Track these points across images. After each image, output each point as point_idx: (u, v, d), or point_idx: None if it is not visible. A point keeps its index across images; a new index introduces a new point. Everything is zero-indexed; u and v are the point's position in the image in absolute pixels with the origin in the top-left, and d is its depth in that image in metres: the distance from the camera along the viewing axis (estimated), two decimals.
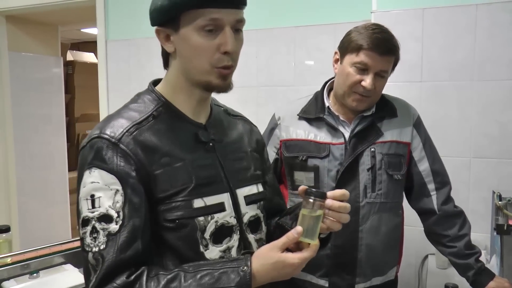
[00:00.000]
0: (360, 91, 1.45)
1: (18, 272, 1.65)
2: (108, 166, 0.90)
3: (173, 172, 0.95)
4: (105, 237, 0.87)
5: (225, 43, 0.93)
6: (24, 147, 3.83)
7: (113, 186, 0.90)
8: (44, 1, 3.27)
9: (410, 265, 2.17)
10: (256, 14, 2.62)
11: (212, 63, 0.95)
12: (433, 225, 1.55)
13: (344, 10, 2.39)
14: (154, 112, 0.99)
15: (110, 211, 0.89)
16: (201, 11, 0.91)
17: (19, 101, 3.78)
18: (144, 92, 1.05)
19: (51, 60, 4.21)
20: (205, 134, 1.03)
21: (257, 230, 1.09)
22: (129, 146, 0.92)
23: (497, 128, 2.05)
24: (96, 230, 0.88)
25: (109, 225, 0.88)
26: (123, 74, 3.06)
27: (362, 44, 1.42)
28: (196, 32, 0.93)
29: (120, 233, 0.87)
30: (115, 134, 0.92)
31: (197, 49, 0.94)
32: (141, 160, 0.92)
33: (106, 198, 0.89)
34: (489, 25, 2.03)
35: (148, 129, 0.96)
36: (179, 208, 0.94)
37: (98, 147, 0.91)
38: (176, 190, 0.94)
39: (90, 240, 0.88)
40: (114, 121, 0.96)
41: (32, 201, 3.89)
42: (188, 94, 1.02)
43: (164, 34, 0.98)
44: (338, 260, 1.51)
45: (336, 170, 1.49)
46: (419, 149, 1.55)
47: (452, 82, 2.10)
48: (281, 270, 0.88)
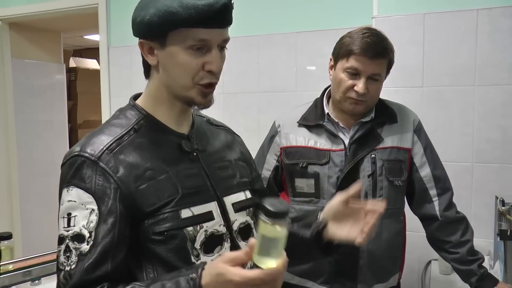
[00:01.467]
0: (353, 96, 1.45)
1: (20, 279, 1.64)
2: (86, 185, 0.90)
3: (158, 185, 0.94)
4: (76, 257, 0.87)
5: (211, 63, 0.94)
6: (26, 154, 3.84)
7: (89, 206, 0.89)
8: (47, 8, 3.30)
9: (413, 271, 2.16)
10: (257, 20, 2.63)
11: (195, 80, 0.95)
12: (436, 231, 1.54)
13: (345, 15, 2.40)
14: (135, 125, 0.99)
15: (83, 231, 0.88)
16: (191, 30, 0.91)
17: (22, 108, 3.80)
18: (125, 107, 1.05)
19: (54, 66, 4.24)
20: (188, 144, 1.02)
21: (249, 237, 1.07)
22: (109, 164, 0.92)
23: (499, 133, 2.04)
24: (69, 249, 0.88)
25: (81, 245, 0.88)
26: (125, 81, 3.07)
27: (352, 49, 1.42)
28: (183, 50, 0.93)
29: (90, 253, 0.87)
30: (95, 152, 0.92)
31: (182, 66, 0.94)
32: (121, 178, 0.91)
33: (81, 217, 0.89)
34: (490, 30, 2.03)
35: (129, 144, 0.96)
36: (167, 220, 0.93)
37: (78, 165, 0.92)
38: (163, 202, 0.94)
39: (63, 259, 0.89)
40: (95, 138, 0.96)
41: (34, 207, 3.90)
42: (169, 106, 1.02)
43: (147, 47, 0.98)
44: (339, 267, 1.50)
45: (337, 177, 1.49)
46: (420, 155, 1.54)
47: (454, 87, 2.10)
48: (223, 284, 0.79)
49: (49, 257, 1.75)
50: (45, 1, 3.30)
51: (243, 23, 2.59)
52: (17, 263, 1.68)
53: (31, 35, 3.94)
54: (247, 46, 2.64)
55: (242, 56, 2.63)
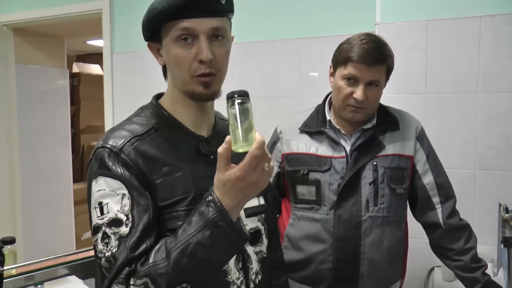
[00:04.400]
0: (352, 103, 1.44)
1: (22, 283, 1.65)
2: (112, 173, 0.92)
3: (174, 181, 0.96)
4: (117, 241, 0.88)
5: (200, 52, 0.95)
6: (29, 159, 3.85)
7: (120, 191, 0.91)
8: (51, 13, 3.32)
9: (416, 278, 2.15)
10: (260, 26, 2.64)
11: (190, 72, 0.97)
12: (439, 238, 1.54)
13: (348, 22, 2.41)
14: (156, 125, 1.01)
15: (119, 215, 0.90)
16: (175, 22, 0.95)
17: (25, 113, 3.82)
18: (147, 105, 1.07)
19: (57, 72, 4.26)
20: (206, 147, 1.03)
21: (257, 242, 1.10)
22: (130, 155, 0.94)
23: (502, 140, 2.04)
24: (107, 236, 0.89)
25: (119, 229, 0.89)
26: (128, 86, 3.08)
27: (350, 56, 1.42)
28: (174, 43, 0.96)
29: (131, 234, 0.88)
30: (117, 144, 0.95)
31: (176, 60, 0.97)
32: (141, 169, 0.94)
33: (113, 203, 0.91)
34: (492, 37, 2.03)
35: (150, 141, 0.98)
36: (180, 218, 0.94)
37: (101, 156, 0.94)
38: (176, 199, 0.95)
39: (102, 246, 0.89)
40: (116, 132, 0.98)
41: (37, 212, 3.91)
42: (185, 105, 1.03)
43: (155, 48, 1.03)
44: (340, 274, 1.49)
45: (338, 184, 1.48)
46: (422, 162, 1.54)
47: (456, 94, 2.10)
48: (234, 186, 0.83)
49: (51, 261, 1.76)
50: (49, 7, 3.32)
51: (246, 29, 2.60)
52: (20, 267, 1.69)
53: (34, 40, 3.97)
54: (250, 52, 2.65)
55: (245, 62, 2.64)
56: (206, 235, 0.83)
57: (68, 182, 4.34)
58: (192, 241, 0.84)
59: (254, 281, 1.07)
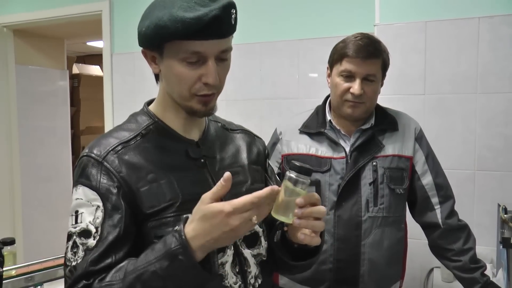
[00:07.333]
0: (350, 98, 1.46)
1: (22, 284, 1.65)
2: (91, 183, 0.93)
3: (159, 188, 0.95)
4: (83, 252, 0.89)
5: (207, 75, 0.93)
6: (29, 160, 3.85)
7: (95, 202, 0.92)
8: (51, 15, 3.32)
9: (415, 278, 2.15)
10: (260, 27, 2.64)
11: (192, 91, 0.95)
12: (438, 239, 1.54)
13: (347, 23, 2.42)
14: (143, 130, 1.01)
15: (90, 227, 0.90)
16: (184, 43, 0.90)
17: (25, 114, 3.82)
18: (138, 112, 1.07)
19: (57, 73, 4.26)
20: (196, 151, 1.02)
21: (255, 245, 1.06)
22: (113, 164, 0.94)
23: (501, 141, 2.04)
24: (76, 245, 0.90)
25: (87, 240, 0.90)
26: (128, 87, 3.09)
27: (345, 52, 1.45)
28: (179, 63, 0.93)
29: (96, 247, 0.89)
30: (101, 152, 0.95)
31: (179, 78, 0.94)
32: (124, 178, 0.93)
33: (87, 214, 0.91)
34: (491, 38, 2.04)
35: (135, 148, 0.97)
36: (169, 225, 0.93)
37: (84, 164, 0.95)
38: (163, 206, 0.94)
39: (70, 255, 0.90)
40: (103, 140, 0.98)
41: (36, 213, 3.91)
42: (175, 112, 1.02)
43: (150, 55, 0.99)
44: (340, 275, 1.50)
45: (338, 184, 1.49)
46: (421, 163, 1.55)
47: (455, 94, 2.10)
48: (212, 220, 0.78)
49: (51, 262, 1.76)
50: (49, 8, 3.32)
51: (245, 30, 2.60)
52: (20, 268, 1.68)
53: (35, 41, 3.97)
54: (249, 53, 2.65)
55: (244, 63, 2.65)
56: (164, 265, 0.81)
57: (68, 183, 4.33)
58: (149, 269, 0.82)
59: (254, 285, 1.04)
